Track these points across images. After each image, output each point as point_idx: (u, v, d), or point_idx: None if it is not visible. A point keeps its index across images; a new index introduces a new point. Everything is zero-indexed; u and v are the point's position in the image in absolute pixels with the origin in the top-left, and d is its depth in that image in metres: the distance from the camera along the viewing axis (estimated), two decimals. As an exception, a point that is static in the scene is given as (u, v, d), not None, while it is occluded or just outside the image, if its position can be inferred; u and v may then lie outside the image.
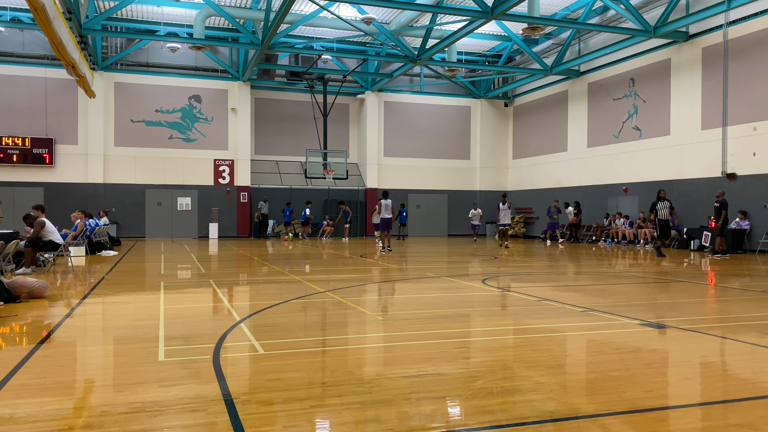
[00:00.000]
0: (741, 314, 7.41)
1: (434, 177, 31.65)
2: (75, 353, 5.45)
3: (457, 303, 8.57)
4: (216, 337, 5.79)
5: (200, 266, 13.97)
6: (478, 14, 19.02)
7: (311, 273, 12.24)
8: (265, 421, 3.49)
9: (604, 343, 5.72)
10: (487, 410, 3.68)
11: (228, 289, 9.83)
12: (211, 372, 4.55)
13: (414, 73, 31.16)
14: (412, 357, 5.12)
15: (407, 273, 12.46)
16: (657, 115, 22.76)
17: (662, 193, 16.92)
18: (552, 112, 29.18)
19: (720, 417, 3.65)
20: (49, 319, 6.99)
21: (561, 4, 24.11)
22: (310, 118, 29.52)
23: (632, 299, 8.70)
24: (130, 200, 27.21)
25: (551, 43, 27.13)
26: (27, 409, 3.68)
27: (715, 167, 20.30)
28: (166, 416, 3.58)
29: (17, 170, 25.66)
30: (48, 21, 11.60)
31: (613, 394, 4.01)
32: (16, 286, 8.11)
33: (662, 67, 22.54)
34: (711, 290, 10.02)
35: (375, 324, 6.79)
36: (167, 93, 27.65)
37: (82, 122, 26.46)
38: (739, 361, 5.07)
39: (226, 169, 28.52)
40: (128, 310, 7.76)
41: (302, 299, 8.50)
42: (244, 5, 24.36)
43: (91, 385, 4.38)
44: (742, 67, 19.41)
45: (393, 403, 3.82)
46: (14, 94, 25.60)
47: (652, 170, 22.98)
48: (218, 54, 28.39)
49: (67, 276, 11.72)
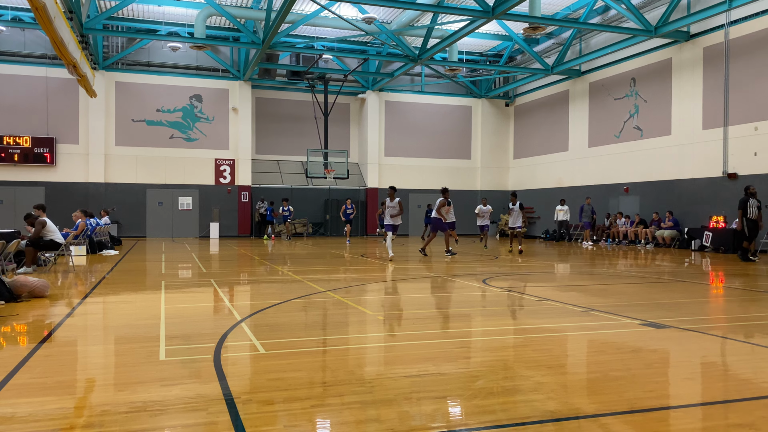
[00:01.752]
0: (742, 314, 7.41)
1: (435, 177, 31.64)
2: (76, 352, 5.45)
3: (457, 303, 8.57)
4: (217, 337, 5.80)
5: (201, 266, 13.98)
6: (479, 14, 19.01)
7: (312, 273, 12.24)
8: (265, 421, 3.49)
9: (604, 343, 5.72)
10: (488, 410, 3.68)
11: (229, 288, 9.83)
12: (211, 371, 4.55)
13: (415, 73, 31.15)
14: (412, 357, 5.12)
15: (408, 273, 12.46)
16: (658, 114, 22.74)
17: (752, 189, 15.27)
18: (553, 112, 29.16)
19: (720, 417, 3.65)
20: (50, 319, 7.00)
21: (562, 3, 24.10)
22: (311, 117, 29.52)
23: (633, 299, 8.69)
24: (131, 200, 27.22)
25: (552, 43, 27.12)
26: (28, 409, 3.69)
27: (716, 167, 20.28)
28: (167, 415, 3.59)
29: (18, 170, 25.68)
30: (49, 20, 11.60)
31: (614, 394, 4.01)
32: (18, 285, 8.12)
33: (663, 66, 22.52)
34: (712, 290, 10.02)
35: (376, 324, 6.79)
36: (168, 92, 27.66)
37: (83, 122, 26.48)
38: (739, 361, 5.07)
39: (227, 168, 28.53)
40: (129, 309, 7.76)
41: (303, 299, 8.50)
42: (245, 5, 24.37)
43: (92, 384, 4.38)
44: (743, 67, 19.39)
45: (394, 402, 3.82)
46: (16, 93, 25.62)
47: (653, 170, 22.98)
48: (219, 53, 28.40)
49: (68, 275, 11.73)
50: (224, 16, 23.26)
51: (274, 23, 20.66)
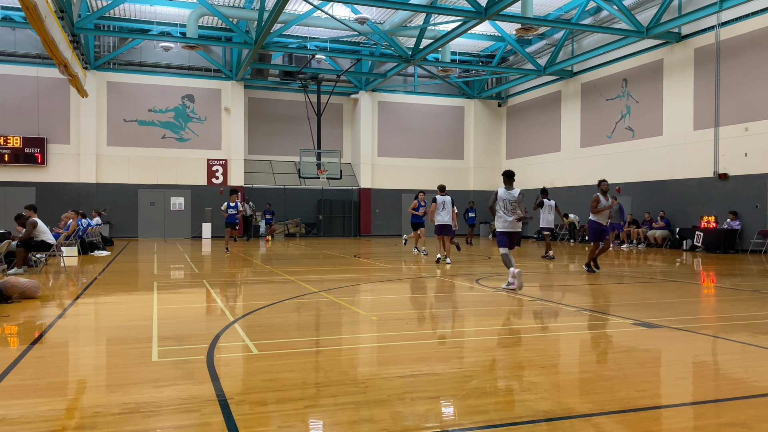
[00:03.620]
0: (733, 313, 7.46)
1: (428, 177, 31.66)
2: (68, 354, 5.42)
3: (451, 303, 8.58)
4: (210, 338, 5.78)
5: (193, 266, 13.93)
6: (472, 14, 19.05)
7: (305, 273, 12.22)
8: (259, 422, 3.48)
9: (597, 343, 5.74)
10: (481, 410, 3.69)
11: (221, 289, 9.80)
12: (205, 372, 4.54)
13: (408, 73, 31.18)
14: (406, 357, 5.12)
15: (401, 273, 12.46)
16: (650, 115, 22.86)
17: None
18: (545, 113, 29.25)
19: (712, 416, 3.67)
20: (42, 320, 6.96)
21: (554, 4, 24.19)
22: (304, 117, 29.48)
23: (625, 299, 8.73)
24: (122, 200, 27.09)
25: (544, 44, 27.20)
26: (19, 410, 3.66)
27: (708, 167, 20.40)
28: (160, 417, 3.57)
29: (9, 170, 25.50)
30: (40, 19, 11.54)
31: (607, 394, 4.03)
32: (8, 286, 8.07)
33: (655, 67, 22.64)
34: (703, 290, 10.08)
35: (369, 324, 6.79)
36: (160, 92, 27.56)
37: (75, 122, 26.33)
38: (731, 360, 5.10)
39: (219, 168, 28.45)
40: (121, 310, 7.73)
41: (296, 299, 8.49)
42: (237, 5, 24.31)
43: (84, 385, 4.36)
44: (734, 68, 19.52)
45: (387, 403, 3.82)
46: (6, 93, 25.44)
47: (644, 170, 23.08)
48: (211, 53, 28.32)
49: (59, 276, 11.66)
50: (216, 16, 23.19)
51: (266, 23, 20.62)
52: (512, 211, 9.76)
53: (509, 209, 9.77)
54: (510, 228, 9.78)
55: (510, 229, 9.78)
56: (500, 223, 9.85)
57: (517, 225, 9.79)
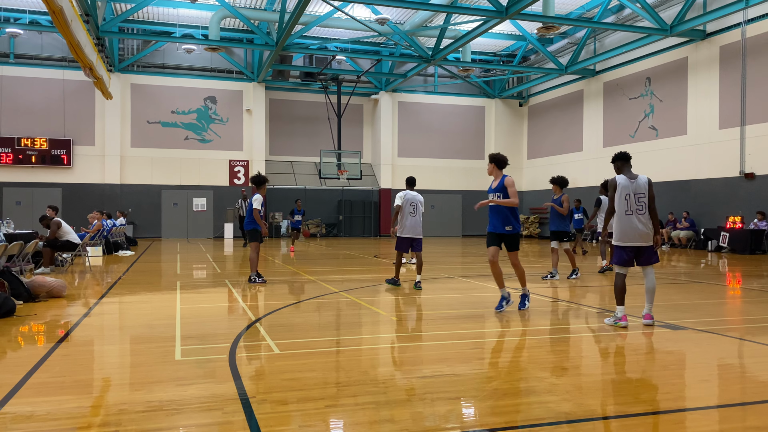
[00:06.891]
0: (759, 315, 7.32)
1: (448, 177, 31.58)
2: (93, 352, 5.51)
3: (471, 304, 8.54)
4: (232, 337, 5.83)
5: (216, 266, 14.06)
6: (493, 14, 18.95)
7: (325, 273, 12.26)
8: (280, 421, 3.51)
9: (620, 345, 5.68)
10: (502, 411, 3.67)
11: (243, 288, 9.88)
12: (227, 371, 4.59)
13: (428, 73, 31.12)
14: (426, 357, 5.12)
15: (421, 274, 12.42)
16: (674, 114, 22.54)
17: None
18: (567, 112, 29.00)
19: (738, 419, 3.61)
20: (68, 319, 7.08)
21: (576, 3, 23.96)
22: (324, 118, 29.59)
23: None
24: (146, 201, 27.44)
25: (566, 43, 26.95)
26: (46, 407, 3.73)
27: (733, 167, 20.06)
28: (183, 415, 3.62)
29: (36, 171, 25.99)
30: (66, 23, 11.74)
31: (629, 396, 3.99)
32: (35, 285, 8.23)
33: (679, 66, 22.32)
34: (729, 291, 9.91)
35: (389, 324, 6.80)
36: (183, 94, 27.86)
37: (100, 123, 26.74)
38: (757, 363, 5.01)
39: (241, 169, 28.67)
40: (145, 309, 7.83)
41: (317, 299, 8.53)
42: (258, 6, 24.48)
43: (109, 383, 4.43)
44: (761, 66, 19.16)
45: (407, 403, 3.83)
46: (33, 96, 25.93)
47: (668, 170, 22.76)
48: (233, 55, 28.55)
49: (84, 276, 11.85)
50: (238, 18, 23.38)
51: (287, 25, 20.73)
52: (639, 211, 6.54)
53: (634, 208, 6.50)
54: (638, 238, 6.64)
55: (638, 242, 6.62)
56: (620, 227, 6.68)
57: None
